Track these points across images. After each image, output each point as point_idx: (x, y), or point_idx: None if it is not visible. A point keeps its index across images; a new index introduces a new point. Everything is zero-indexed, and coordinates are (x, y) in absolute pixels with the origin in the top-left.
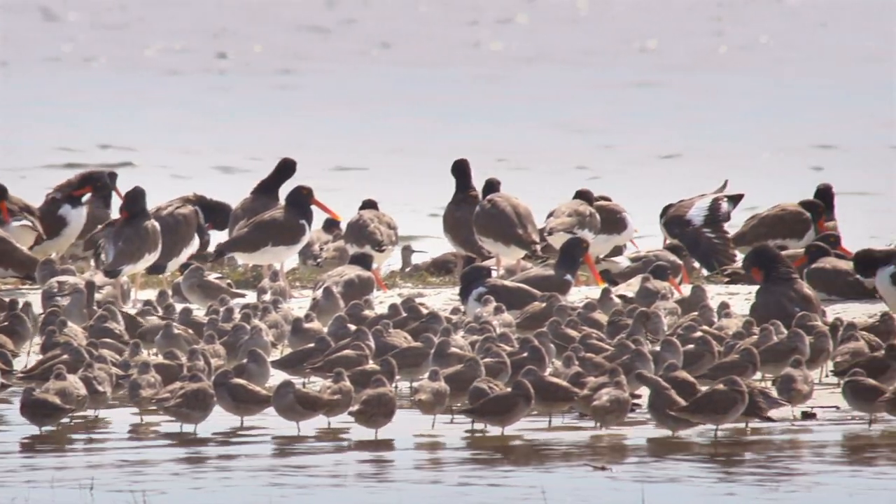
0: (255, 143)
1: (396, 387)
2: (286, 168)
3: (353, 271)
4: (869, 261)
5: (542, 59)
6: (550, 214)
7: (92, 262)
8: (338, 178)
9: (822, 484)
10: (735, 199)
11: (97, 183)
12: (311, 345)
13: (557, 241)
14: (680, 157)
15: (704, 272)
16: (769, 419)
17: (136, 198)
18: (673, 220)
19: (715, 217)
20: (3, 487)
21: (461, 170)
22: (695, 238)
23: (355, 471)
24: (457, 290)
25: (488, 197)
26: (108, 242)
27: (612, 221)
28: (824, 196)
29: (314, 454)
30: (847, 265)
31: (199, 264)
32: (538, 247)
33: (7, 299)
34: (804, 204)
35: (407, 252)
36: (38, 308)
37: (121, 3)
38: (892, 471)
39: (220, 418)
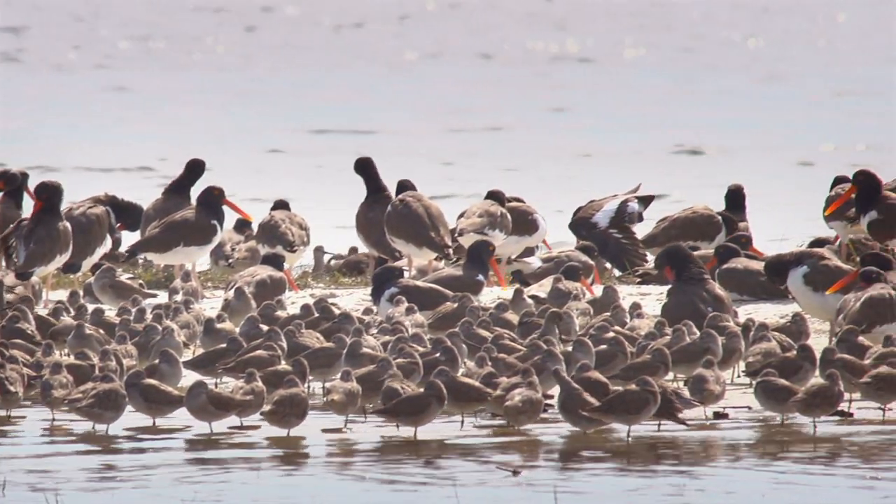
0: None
1: (309, 387)
2: (196, 168)
3: (264, 271)
4: (779, 266)
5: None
6: (461, 215)
7: (3, 263)
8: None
9: (734, 484)
10: (646, 201)
11: (8, 182)
12: (224, 345)
13: (468, 241)
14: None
15: (616, 272)
16: (681, 422)
17: (52, 190)
18: (579, 222)
19: (621, 218)
20: None
21: (364, 168)
22: (602, 240)
23: (268, 468)
24: (369, 290)
25: (400, 197)
26: (19, 243)
27: (524, 222)
28: (735, 197)
29: (227, 454)
30: (759, 265)
31: (110, 265)
32: (450, 249)
33: None
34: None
35: (319, 253)
36: None
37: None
38: (803, 470)
39: (132, 418)
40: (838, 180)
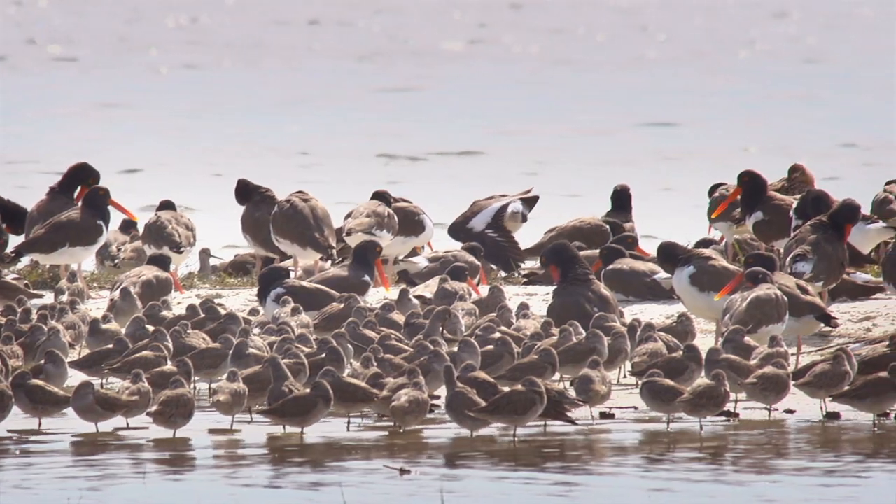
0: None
1: (195, 387)
2: (80, 170)
3: (150, 272)
4: (671, 255)
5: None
6: (348, 215)
7: None
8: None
9: (620, 484)
10: (530, 203)
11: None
12: (110, 346)
13: (356, 241)
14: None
15: (502, 273)
16: (571, 421)
17: None
18: (456, 226)
19: (499, 221)
20: None
21: (241, 188)
22: (481, 241)
23: (154, 469)
24: (255, 290)
25: (287, 197)
26: None
27: (410, 223)
28: (621, 197)
29: (113, 454)
30: (644, 266)
31: None
32: (334, 250)
33: None
34: (605, 221)
35: (204, 256)
36: None
37: None
38: (689, 470)
39: (17, 419)
40: (714, 187)
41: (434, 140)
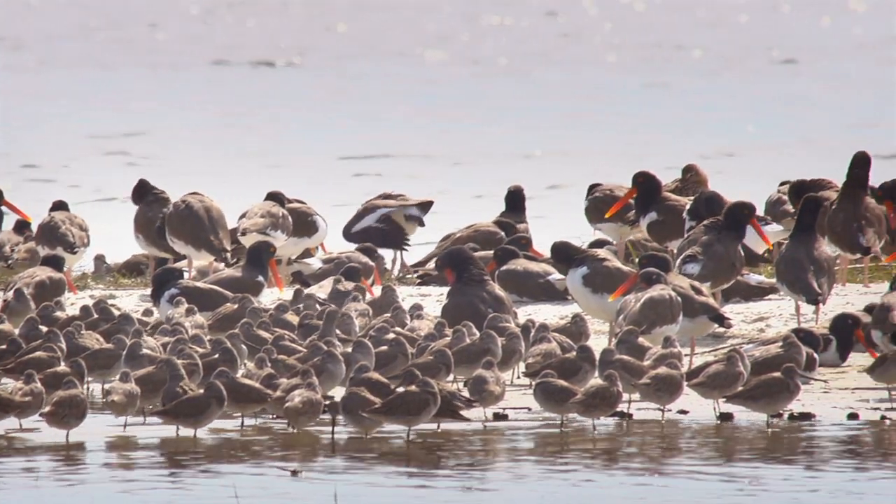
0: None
1: (88, 388)
2: None
3: (44, 273)
4: (565, 254)
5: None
6: (243, 215)
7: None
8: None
9: (513, 484)
10: (425, 206)
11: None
12: (3, 346)
13: (250, 242)
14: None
15: (395, 273)
16: (465, 419)
17: None
18: (347, 227)
19: (387, 223)
20: None
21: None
22: (367, 233)
23: (47, 471)
24: (149, 291)
25: (182, 197)
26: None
27: (304, 224)
28: (514, 198)
29: (4, 459)
30: (538, 267)
31: None
32: (228, 252)
33: None
34: (499, 222)
35: (99, 262)
36: None
37: None
38: (583, 470)
39: None
40: (592, 187)
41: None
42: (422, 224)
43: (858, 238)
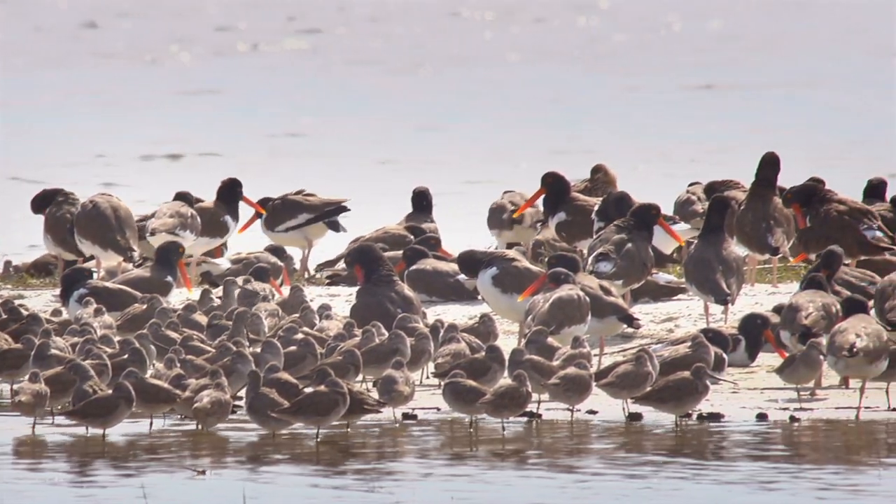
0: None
1: None
2: None
3: None
4: (471, 262)
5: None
6: (151, 215)
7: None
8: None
9: (423, 484)
10: (337, 210)
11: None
12: None
13: (159, 242)
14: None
15: (306, 274)
16: (377, 410)
17: None
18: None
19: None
20: None
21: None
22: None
23: None
24: (58, 291)
25: (90, 197)
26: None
27: (213, 224)
28: (421, 198)
29: None
30: (447, 266)
31: None
32: (135, 252)
33: None
34: (409, 227)
35: (7, 265)
36: None
37: None
38: (491, 469)
39: None
40: (505, 193)
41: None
42: (341, 230)
43: (767, 238)
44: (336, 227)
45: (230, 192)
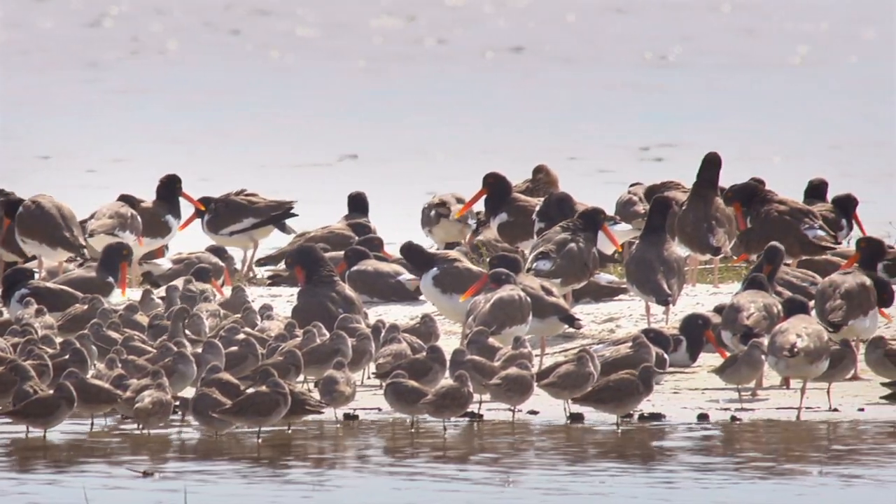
0: None
1: None
2: None
3: None
4: (416, 256)
5: None
6: (91, 216)
7: None
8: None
9: (365, 484)
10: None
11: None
12: None
13: (98, 243)
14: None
15: (251, 274)
16: (319, 410)
17: None
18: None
19: None
20: None
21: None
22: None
23: None
24: None
25: (31, 198)
26: None
27: (155, 224)
28: (358, 201)
29: None
30: (389, 267)
31: None
32: (85, 248)
33: None
34: (353, 225)
35: None
36: None
37: None
38: (432, 469)
39: None
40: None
41: None
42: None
43: (708, 238)
44: (284, 228)
45: (168, 188)
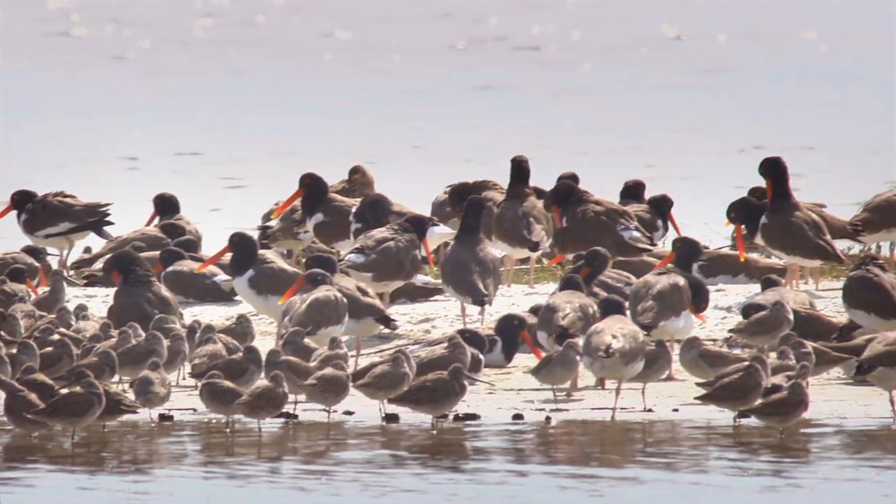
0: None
1: None
2: None
3: None
4: (242, 249)
5: None
6: None
7: None
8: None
9: (177, 486)
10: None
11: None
12: None
13: None
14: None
15: (67, 274)
16: (134, 410)
17: None
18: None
19: None
20: None
21: None
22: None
23: None
24: None
25: None
26: None
27: None
28: (166, 203)
29: None
30: (208, 269)
31: None
32: None
33: None
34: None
35: None
36: None
37: None
38: (246, 472)
39: None
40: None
41: None
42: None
43: (527, 234)
44: (100, 233)
45: None
